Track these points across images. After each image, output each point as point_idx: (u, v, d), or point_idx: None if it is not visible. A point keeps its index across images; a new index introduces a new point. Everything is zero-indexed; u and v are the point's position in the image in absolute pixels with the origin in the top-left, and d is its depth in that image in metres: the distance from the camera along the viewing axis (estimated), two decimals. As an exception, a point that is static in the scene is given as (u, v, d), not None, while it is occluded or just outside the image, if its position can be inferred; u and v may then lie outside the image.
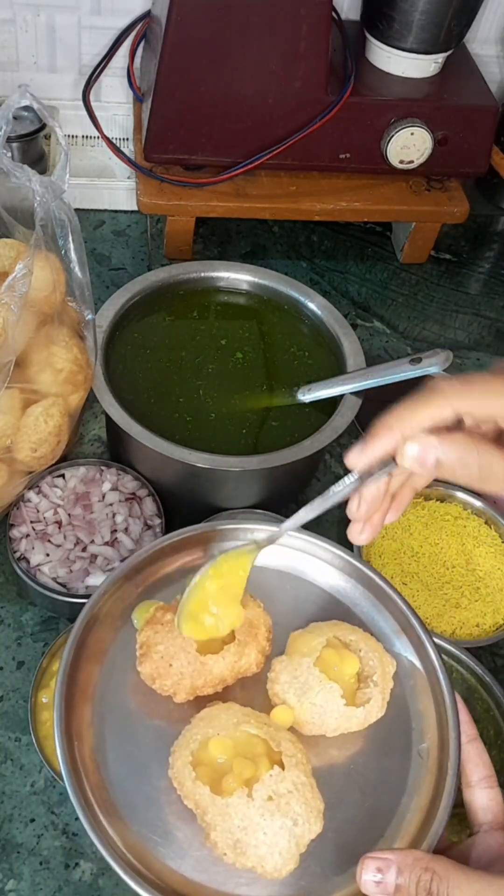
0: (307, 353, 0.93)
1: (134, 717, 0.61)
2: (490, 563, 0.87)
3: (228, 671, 0.62)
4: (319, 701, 0.59)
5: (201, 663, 0.61)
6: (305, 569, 0.70)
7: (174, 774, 0.57)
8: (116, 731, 0.60)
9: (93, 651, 0.63)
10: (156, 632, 0.62)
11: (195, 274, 0.97)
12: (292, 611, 0.67)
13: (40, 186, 0.75)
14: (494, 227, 1.30)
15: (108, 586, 0.65)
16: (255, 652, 0.63)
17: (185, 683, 0.61)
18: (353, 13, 1.12)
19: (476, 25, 1.13)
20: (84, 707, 0.60)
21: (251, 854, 0.54)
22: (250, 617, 0.64)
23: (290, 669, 0.61)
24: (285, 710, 0.60)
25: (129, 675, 0.62)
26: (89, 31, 1.12)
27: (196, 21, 0.95)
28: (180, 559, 0.69)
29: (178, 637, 0.61)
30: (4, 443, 0.80)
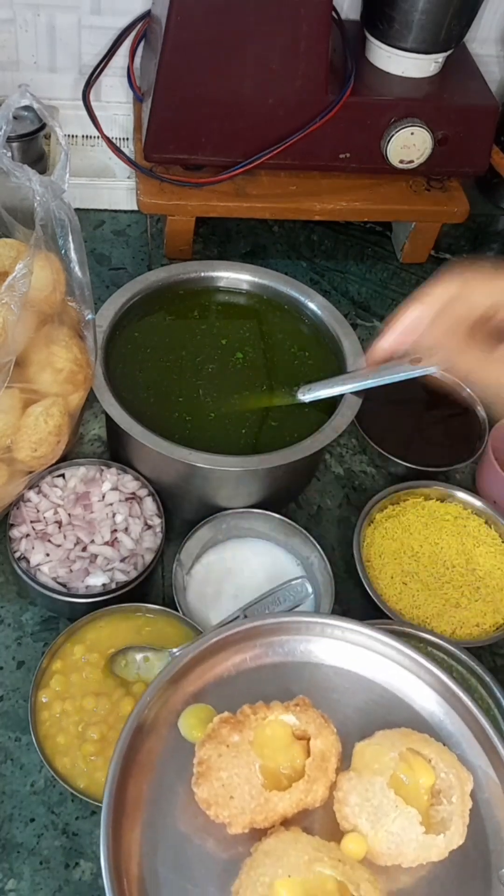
0: (307, 352, 0.93)
1: (186, 842, 0.56)
2: (490, 562, 0.87)
3: (292, 809, 0.57)
4: (396, 829, 0.54)
5: (265, 799, 0.56)
6: (365, 666, 0.65)
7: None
8: (167, 858, 0.55)
9: (140, 761, 0.58)
10: (220, 754, 0.56)
11: (195, 274, 0.97)
12: (357, 714, 0.62)
13: (40, 186, 0.75)
14: (494, 226, 1.30)
15: (153, 692, 0.60)
16: (323, 788, 0.57)
17: (243, 818, 0.56)
18: (353, 13, 1.12)
19: (476, 25, 1.13)
20: (132, 832, 0.56)
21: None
22: (322, 748, 0.57)
23: (360, 790, 0.56)
24: (358, 840, 0.54)
25: (178, 790, 0.58)
26: (89, 31, 1.12)
27: (196, 21, 0.95)
28: (231, 658, 0.64)
29: (244, 766, 0.56)
30: (4, 442, 0.80)
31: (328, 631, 0.64)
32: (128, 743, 0.57)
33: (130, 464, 0.88)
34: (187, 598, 0.83)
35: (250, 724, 0.58)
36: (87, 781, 0.71)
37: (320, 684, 0.62)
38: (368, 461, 0.99)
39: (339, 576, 0.86)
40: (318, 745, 0.57)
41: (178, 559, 0.83)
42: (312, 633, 0.65)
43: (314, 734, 0.58)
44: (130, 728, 0.58)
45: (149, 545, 0.84)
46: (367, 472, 0.98)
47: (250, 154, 1.04)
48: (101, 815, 0.54)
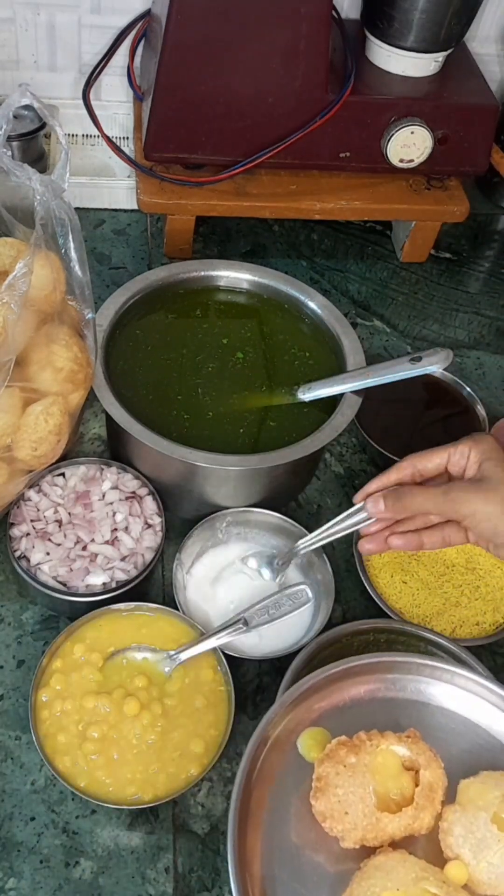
0: (307, 352, 0.93)
1: (300, 850, 0.61)
2: (490, 561, 0.87)
3: (400, 832, 0.61)
4: (497, 861, 0.58)
5: (377, 819, 0.60)
6: (473, 710, 0.69)
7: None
8: (284, 858, 0.60)
9: (261, 775, 0.63)
10: (337, 773, 0.61)
11: (195, 273, 0.97)
12: (462, 755, 0.66)
13: (40, 185, 0.75)
14: (494, 225, 1.30)
15: (278, 709, 0.64)
16: (430, 817, 0.62)
17: (355, 833, 0.60)
18: (354, 12, 1.12)
19: (476, 24, 1.13)
20: (254, 835, 0.61)
21: None
22: (430, 780, 0.62)
23: (465, 822, 0.60)
24: (461, 867, 0.58)
25: (295, 803, 0.62)
26: (89, 30, 1.12)
27: (196, 20, 0.95)
28: (349, 689, 0.68)
29: (359, 786, 0.60)
30: (5, 441, 0.80)
31: (440, 675, 0.69)
32: (253, 753, 0.62)
33: (131, 463, 0.88)
34: (187, 597, 0.83)
35: (365, 748, 0.62)
36: (88, 780, 0.71)
37: (429, 723, 0.66)
38: (368, 460, 0.99)
39: (340, 574, 0.86)
40: (427, 776, 0.61)
41: (178, 558, 0.83)
42: (425, 675, 0.69)
43: (423, 765, 0.62)
44: (256, 740, 0.62)
45: (149, 544, 0.84)
46: (367, 471, 0.98)
47: (250, 153, 1.04)
48: (229, 817, 0.59)
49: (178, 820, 0.73)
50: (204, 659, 0.77)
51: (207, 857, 0.72)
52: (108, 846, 0.71)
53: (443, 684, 0.69)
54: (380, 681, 0.69)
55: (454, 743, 0.66)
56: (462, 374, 1.04)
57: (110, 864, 0.71)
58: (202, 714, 0.74)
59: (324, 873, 0.60)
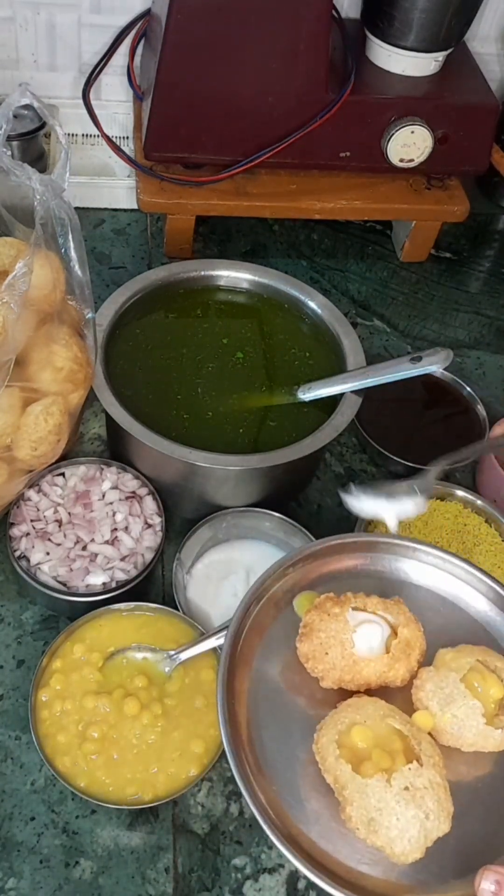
0: (307, 352, 0.93)
1: (283, 692, 0.66)
2: (490, 561, 0.87)
3: (375, 677, 0.65)
4: (461, 714, 0.62)
5: (353, 662, 0.65)
6: (461, 595, 0.73)
7: (318, 749, 0.61)
8: (268, 699, 0.65)
9: (254, 624, 0.68)
10: (321, 619, 0.66)
11: (195, 272, 0.97)
12: (443, 631, 0.70)
13: (40, 185, 0.74)
14: (495, 225, 1.30)
15: (275, 569, 0.69)
16: (405, 669, 0.66)
17: (334, 673, 0.65)
18: (354, 11, 1.12)
19: (476, 24, 1.13)
20: (244, 672, 0.65)
21: (382, 834, 0.57)
22: (408, 637, 0.66)
23: (437, 680, 0.64)
24: (427, 716, 0.63)
25: (283, 653, 0.67)
26: (89, 30, 1.12)
27: (196, 19, 0.95)
28: (344, 561, 0.73)
29: (340, 631, 0.65)
30: (5, 441, 0.80)
31: (428, 558, 0.73)
32: (247, 606, 0.67)
33: (131, 462, 0.88)
34: (187, 596, 0.83)
35: (350, 602, 0.67)
36: (88, 780, 0.71)
37: (414, 599, 0.71)
38: (368, 460, 0.99)
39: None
40: (405, 633, 0.66)
41: (178, 558, 0.83)
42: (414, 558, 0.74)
43: (403, 624, 0.66)
44: (250, 595, 0.67)
45: (149, 544, 0.84)
46: (367, 470, 0.98)
47: (250, 153, 1.04)
48: (221, 659, 0.64)
49: (178, 820, 0.73)
50: (204, 659, 0.77)
51: (207, 857, 0.72)
52: (108, 846, 0.71)
53: (421, 563, 0.74)
54: (367, 557, 0.74)
55: (434, 619, 0.71)
56: (462, 374, 1.04)
57: (110, 864, 0.71)
58: (202, 714, 0.74)
59: (304, 713, 0.65)
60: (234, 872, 0.71)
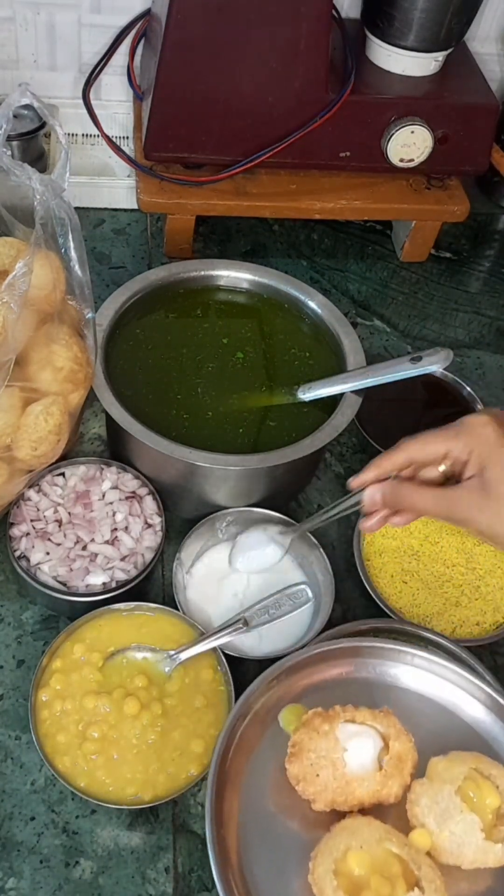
0: (307, 351, 0.93)
1: (274, 816, 0.64)
2: (490, 561, 0.87)
3: (368, 796, 0.64)
4: (459, 831, 0.61)
5: (346, 782, 0.63)
6: (451, 699, 0.72)
7: (314, 880, 0.59)
8: (259, 822, 0.63)
9: (241, 744, 0.66)
10: (311, 738, 0.64)
11: (195, 272, 0.97)
12: (434, 737, 0.68)
13: (40, 185, 0.74)
14: (495, 225, 1.29)
15: (259, 684, 0.68)
16: (398, 786, 0.64)
17: (326, 795, 0.63)
18: (354, 11, 1.12)
19: (476, 24, 1.13)
20: (232, 794, 0.64)
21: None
22: (399, 751, 0.65)
23: (432, 794, 0.63)
24: (424, 835, 0.61)
25: (272, 773, 0.66)
26: (89, 30, 1.12)
27: (196, 19, 0.95)
28: (329, 670, 0.72)
29: (331, 750, 0.63)
30: (5, 441, 0.80)
31: (404, 657, 0.72)
32: (232, 725, 0.65)
33: (131, 462, 0.88)
34: (187, 596, 0.83)
35: (339, 718, 0.65)
36: (88, 780, 0.71)
37: (401, 704, 0.69)
38: (368, 460, 0.98)
39: (340, 574, 0.86)
40: (396, 747, 0.64)
41: (178, 558, 0.83)
42: (401, 661, 0.73)
43: (394, 737, 0.65)
44: (235, 714, 0.66)
45: (149, 544, 0.84)
46: (367, 470, 0.98)
47: (250, 153, 1.04)
48: (208, 782, 0.62)
49: (178, 820, 0.73)
50: (204, 659, 0.77)
51: (207, 857, 0.71)
52: (108, 846, 0.71)
53: (408, 667, 0.72)
54: (358, 664, 0.72)
55: (424, 724, 0.69)
56: (462, 374, 1.04)
57: (110, 864, 0.71)
58: (202, 714, 0.74)
59: (296, 838, 0.63)
60: (234, 872, 0.71)
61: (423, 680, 0.72)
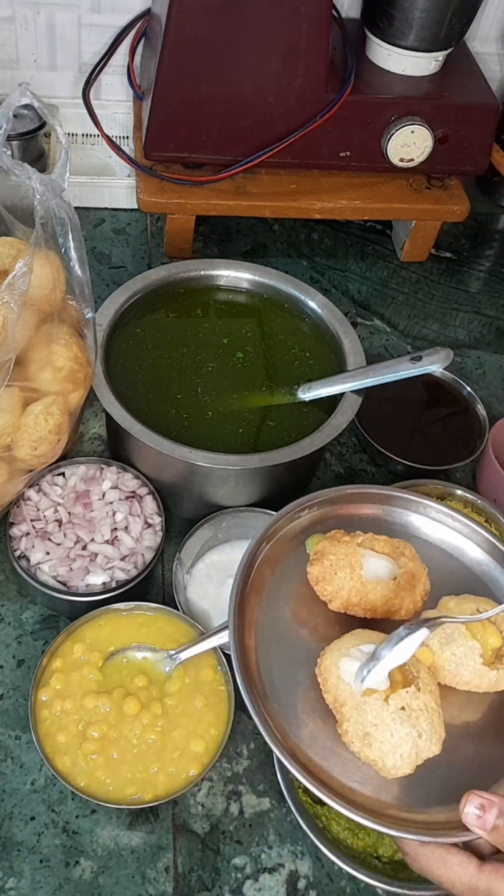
0: (307, 351, 0.93)
1: (291, 623, 0.68)
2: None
3: (381, 603, 0.67)
4: (459, 653, 0.64)
5: (361, 584, 0.67)
6: (464, 549, 0.75)
7: (321, 671, 0.63)
8: (277, 628, 0.67)
9: (267, 558, 0.70)
10: (332, 545, 0.68)
11: (195, 272, 0.97)
12: (447, 582, 0.72)
13: (40, 184, 0.74)
14: (495, 225, 1.30)
15: (291, 508, 0.72)
16: (409, 600, 0.68)
17: (342, 594, 0.67)
18: (354, 11, 1.12)
19: (476, 23, 1.13)
20: (254, 602, 0.68)
21: (375, 748, 0.59)
22: (413, 570, 0.69)
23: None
24: (427, 652, 0.65)
25: (294, 586, 0.70)
26: (89, 29, 1.12)
27: (196, 19, 0.95)
28: (357, 510, 0.76)
29: (350, 555, 0.68)
30: (5, 441, 0.80)
31: (437, 515, 0.76)
32: (259, 542, 0.69)
33: (131, 462, 0.88)
34: (187, 596, 0.83)
35: (360, 535, 0.70)
36: (88, 780, 0.71)
37: (421, 551, 0.72)
38: (368, 460, 0.99)
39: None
40: (410, 566, 0.69)
41: (178, 558, 0.83)
42: (425, 514, 0.76)
43: (409, 558, 0.69)
44: (264, 532, 0.70)
45: (149, 544, 0.84)
46: (367, 470, 0.98)
47: (250, 152, 1.04)
48: (232, 588, 0.66)
49: (178, 820, 0.73)
50: (204, 658, 0.77)
51: (207, 856, 0.72)
52: (108, 846, 0.71)
53: (429, 520, 0.76)
54: (380, 508, 0.76)
55: (440, 571, 0.73)
56: (462, 374, 1.04)
57: (110, 863, 0.71)
58: (202, 714, 0.74)
59: (308, 643, 0.67)
60: (234, 872, 0.71)
61: (442, 532, 0.76)
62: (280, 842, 0.73)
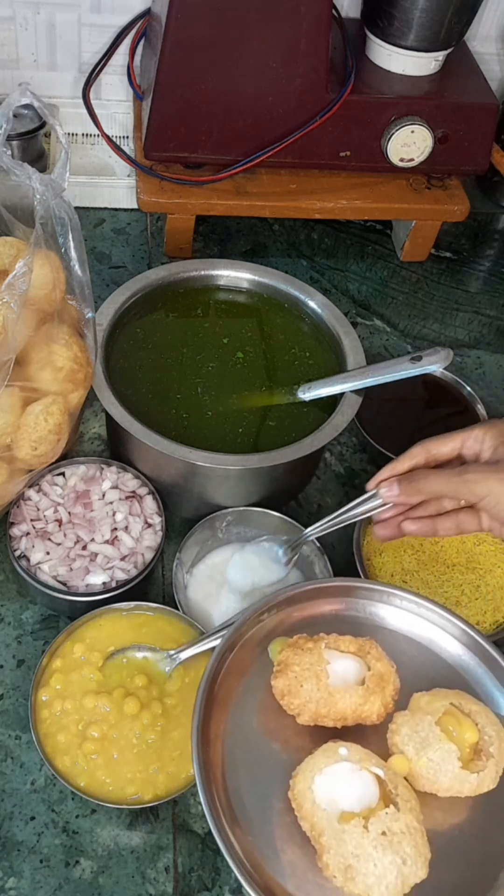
0: (307, 351, 0.93)
1: (260, 737, 0.66)
2: (490, 561, 0.87)
3: (351, 711, 0.65)
4: (437, 758, 0.62)
5: (329, 693, 0.65)
6: (433, 638, 0.74)
7: (295, 796, 0.61)
8: (245, 745, 0.65)
9: (232, 667, 0.68)
10: (295, 654, 0.66)
11: (195, 272, 0.97)
12: (417, 676, 0.70)
13: (40, 184, 0.74)
14: (495, 225, 1.30)
15: (250, 614, 0.70)
16: (379, 704, 0.66)
17: (310, 707, 0.65)
18: (354, 11, 1.12)
19: (476, 23, 1.13)
20: (220, 717, 0.66)
21: (360, 881, 0.57)
22: (381, 671, 0.67)
23: (412, 724, 0.64)
24: (403, 760, 0.63)
25: (259, 697, 0.68)
26: (89, 29, 1.12)
27: (196, 19, 0.95)
28: (319, 607, 0.74)
29: (315, 663, 0.65)
30: (5, 441, 0.80)
31: (403, 603, 0.74)
32: (223, 651, 0.67)
33: (131, 462, 0.88)
34: (187, 596, 0.83)
35: (323, 640, 0.68)
36: (88, 780, 0.71)
37: (390, 644, 0.71)
38: (368, 459, 0.99)
39: (340, 574, 0.86)
40: (378, 667, 0.66)
41: (178, 558, 0.83)
42: (389, 603, 0.75)
43: (376, 658, 0.67)
44: (226, 641, 0.68)
45: (149, 543, 0.84)
46: (367, 470, 0.98)
47: (250, 152, 1.04)
48: (196, 705, 0.64)
49: (178, 819, 0.73)
50: (204, 658, 0.76)
51: (207, 856, 0.72)
52: (108, 846, 0.71)
53: (395, 609, 0.74)
54: (343, 602, 0.74)
55: (409, 664, 0.71)
56: (462, 374, 1.04)
57: (110, 863, 0.71)
58: (202, 714, 0.74)
59: (280, 759, 0.64)
60: (234, 872, 0.71)
61: (410, 621, 0.74)
62: (280, 842, 0.73)
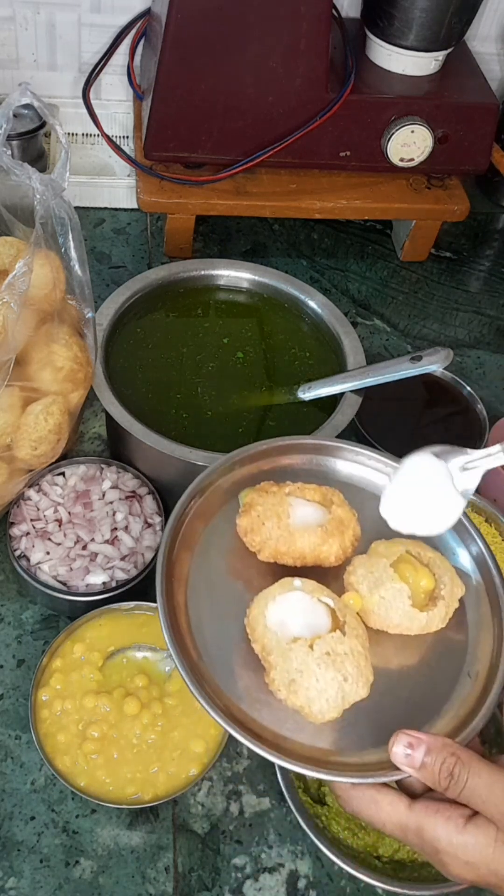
0: (307, 351, 0.93)
1: (222, 574, 0.68)
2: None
3: (309, 550, 0.66)
4: (388, 596, 0.64)
5: (289, 533, 0.66)
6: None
7: (249, 621, 0.63)
8: (208, 583, 0.67)
9: (199, 512, 0.69)
10: (260, 496, 0.68)
11: (195, 272, 0.97)
12: (381, 532, 0.70)
13: (40, 184, 0.74)
14: (495, 224, 1.30)
15: (222, 463, 0.71)
16: (338, 546, 0.67)
17: (270, 544, 0.66)
18: (354, 11, 1.12)
19: (476, 23, 1.13)
20: (185, 557, 0.67)
21: (301, 694, 0.59)
22: (342, 516, 0.68)
23: (368, 565, 0.66)
24: (355, 596, 0.64)
25: (225, 540, 0.69)
26: (89, 29, 1.12)
27: (196, 19, 0.95)
28: (290, 461, 0.74)
29: (277, 504, 0.67)
30: (5, 441, 0.80)
31: (373, 463, 0.74)
32: (190, 497, 0.68)
33: (131, 462, 0.88)
34: (187, 596, 0.83)
35: (287, 486, 0.69)
36: (88, 780, 0.71)
37: (355, 499, 0.71)
38: (368, 459, 0.99)
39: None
40: (339, 512, 0.68)
41: (178, 557, 0.83)
42: (360, 463, 0.75)
43: (337, 504, 0.68)
44: (194, 487, 0.69)
45: (149, 543, 0.84)
46: (367, 470, 0.98)
47: (250, 152, 1.04)
48: (161, 543, 0.65)
49: (178, 819, 0.73)
50: (204, 658, 0.77)
51: (207, 856, 0.72)
52: (108, 846, 0.71)
53: (368, 469, 0.74)
54: (314, 459, 0.75)
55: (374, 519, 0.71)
56: (462, 374, 1.04)
57: (110, 863, 0.71)
58: (202, 713, 0.74)
59: (240, 596, 0.66)
60: (234, 872, 0.71)
61: (377, 481, 0.74)
62: (280, 841, 0.73)
